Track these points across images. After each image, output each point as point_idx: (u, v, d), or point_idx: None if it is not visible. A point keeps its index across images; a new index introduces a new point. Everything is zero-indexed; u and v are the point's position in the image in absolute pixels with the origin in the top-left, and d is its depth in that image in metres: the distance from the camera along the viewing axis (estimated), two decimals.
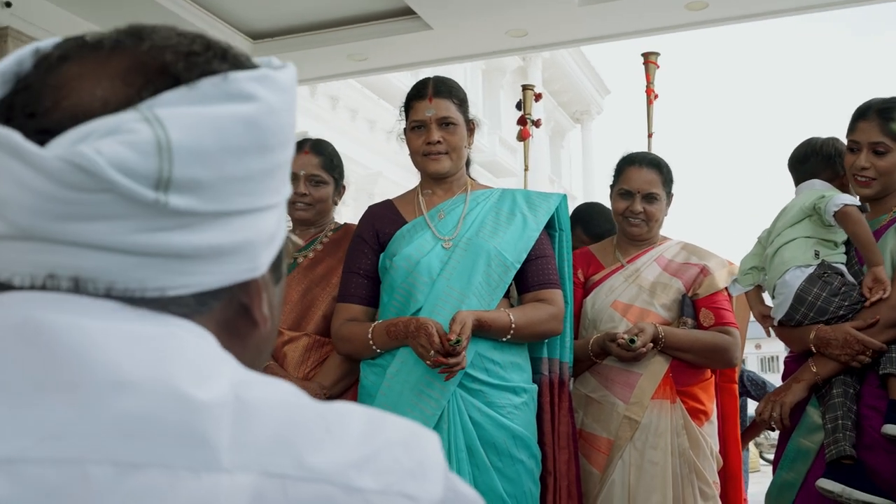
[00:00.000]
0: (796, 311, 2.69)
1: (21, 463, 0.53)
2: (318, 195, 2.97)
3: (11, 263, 0.60)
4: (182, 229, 0.60)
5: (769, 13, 6.48)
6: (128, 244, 0.59)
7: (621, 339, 2.85)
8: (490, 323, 2.49)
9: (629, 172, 3.12)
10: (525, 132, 5.06)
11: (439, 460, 0.64)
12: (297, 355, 2.83)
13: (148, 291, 0.61)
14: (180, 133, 0.59)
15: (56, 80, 0.62)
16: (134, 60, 0.63)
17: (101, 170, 0.56)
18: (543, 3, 6.23)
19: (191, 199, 0.60)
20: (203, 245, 0.62)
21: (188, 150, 0.59)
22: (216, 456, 0.55)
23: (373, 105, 15.12)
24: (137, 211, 0.59)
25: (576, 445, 2.77)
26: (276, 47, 7.19)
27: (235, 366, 0.63)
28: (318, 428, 0.60)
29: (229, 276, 0.64)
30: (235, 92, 0.62)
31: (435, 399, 2.47)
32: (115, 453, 0.54)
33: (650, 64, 4.75)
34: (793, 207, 2.77)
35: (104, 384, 0.55)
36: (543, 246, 2.71)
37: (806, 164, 2.88)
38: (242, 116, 0.62)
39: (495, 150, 19.78)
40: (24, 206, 0.58)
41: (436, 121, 2.65)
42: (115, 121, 0.59)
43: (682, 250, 3.18)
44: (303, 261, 2.97)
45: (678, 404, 2.97)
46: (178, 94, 0.61)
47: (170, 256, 0.61)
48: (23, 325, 0.57)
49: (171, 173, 0.59)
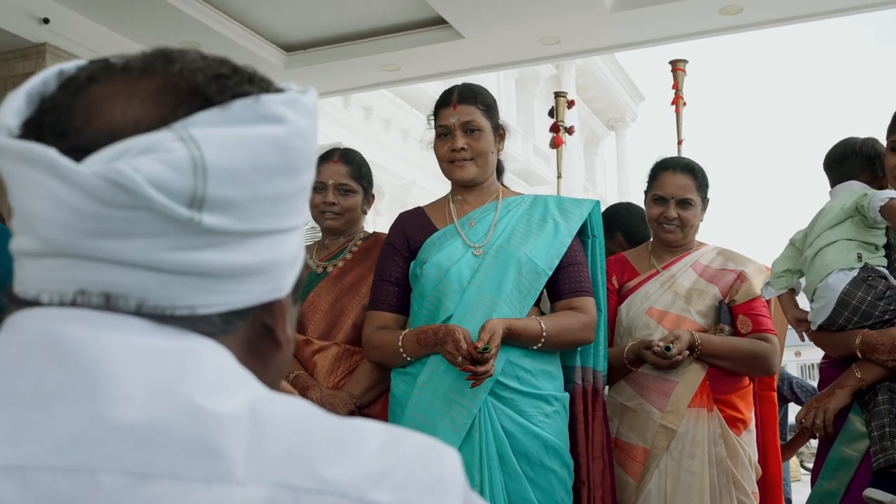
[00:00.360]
0: (839, 315, 2.62)
1: (33, 470, 0.53)
2: (346, 204, 2.97)
3: (40, 280, 0.61)
4: (213, 248, 0.61)
5: (803, 16, 6.41)
6: (160, 262, 0.60)
7: (657, 346, 2.81)
8: (521, 331, 2.47)
9: (663, 178, 3.08)
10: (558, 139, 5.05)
11: (458, 477, 0.63)
12: (327, 364, 2.83)
13: (177, 309, 0.61)
14: (214, 152, 0.60)
15: (85, 101, 0.63)
16: (164, 82, 0.64)
17: (138, 186, 0.57)
18: (576, 10, 6.22)
19: (223, 218, 0.61)
20: (232, 264, 0.63)
21: (222, 170, 0.60)
22: (230, 468, 0.55)
23: (406, 115, 15.16)
24: (171, 228, 0.59)
25: (610, 455, 2.73)
26: (308, 59, 7.24)
27: (255, 384, 0.63)
28: (334, 442, 0.60)
29: (256, 296, 0.65)
30: (267, 114, 0.63)
31: (465, 408, 2.45)
32: (126, 462, 0.54)
33: (678, 71, 4.71)
34: (832, 208, 2.69)
35: (118, 394, 0.56)
36: (576, 253, 2.68)
37: (844, 165, 2.80)
38: (273, 138, 0.63)
39: (529, 159, 19.74)
40: (58, 221, 0.58)
41: (460, 127, 2.64)
42: (151, 139, 0.59)
43: (718, 256, 3.13)
44: (332, 270, 2.97)
45: (715, 413, 2.92)
46: (211, 115, 0.62)
47: (200, 275, 0.61)
48: (44, 337, 0.58)
49: (206, 192, 0.59)
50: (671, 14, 6.34)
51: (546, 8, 6.18)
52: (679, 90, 4.78)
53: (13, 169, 0.60)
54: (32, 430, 0.55)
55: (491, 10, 6.19)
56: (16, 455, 0.54)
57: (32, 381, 0.56)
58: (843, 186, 2.76)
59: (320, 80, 7.62)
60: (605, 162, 26.72)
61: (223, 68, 0.67)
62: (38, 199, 0.59)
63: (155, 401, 0.56)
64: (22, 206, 0.61)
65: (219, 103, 0.63)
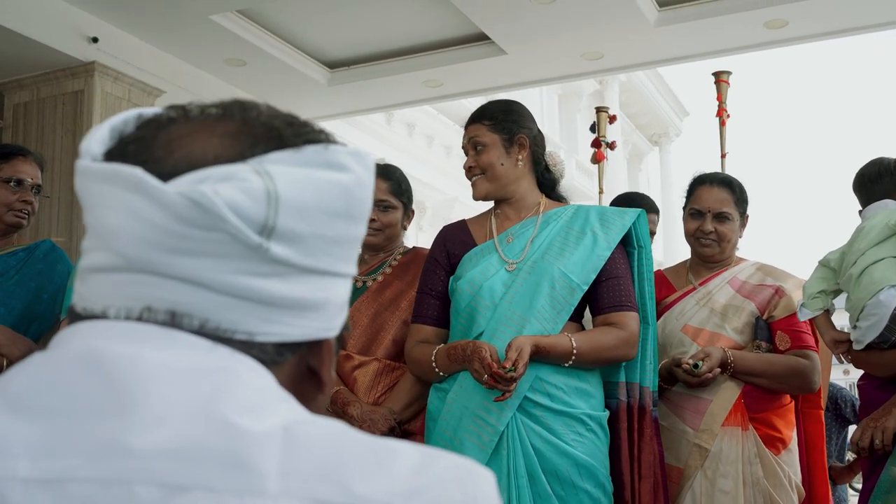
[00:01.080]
0: (892, 331, 2.58)
1: (70, 482, 0.55)
2: (386, 220, 2.98)
3: (108, 296, 0.64)
4: (276, 277, 0.64)
5: (849, 30, 6.33)
6: (226, 284, 0.63)
7: (685, 364, 2.78)
8: (549, 348, 2.41)
9: (700, 192, 3.07)
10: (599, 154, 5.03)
11: (493, 498, 0.64)
12: (368, 380, 2.82)
13: (238, 333, 0.64)
14: (286, 187, 0.64)
15: (165, 136, 0.67)
16: (242, 125, 0.69)
17: (217, 207, 0.61)
18: (619, 25, 6.20)
19: (288, 250, 0.64)
20: (292, 296, 0.66)
21: (292, 204, 0.64)
22: (262, 482, 0.56)
23: (448, 131, 15.18)
24: (240, 252, 0.63)
25: (663, 474, 2.62)
26: (352, 75, 7.29)
27: (294, 405, 0.64)
28: (367, 460, 0.60)
29: (309, 332, 0.68)
30: (334, 161, 0.67)
31: (492, 425, 2.41)
32: (160, 475, 0.55)
33: (722, 83, 4.68)
34: (875, 227, 2.66)
35: (157, 411, 0.57)
36: (617, 265, 2.60)
37: (878, 184, 2.78)
38: (339, 183, 0.67)
39: (572, 174, 19.67)
40: (135, 235, 0.62)
41: (469, 146, 2.65)
42: (230, 170, 0.63)
43: (757, 271, 3.09)
44: (372, 284, 2.97)
45: (751, 431, 2.86)
46: (284, 155, 0.66)
47: (261, 302, 0.64)
48: (85, 354, 0.60)
49: (276, 222, 0.63)
50: (715, 28, 6.30)
51: (589, 23, 6.17)
52: (723, 102, 4.74)
53: (95, 188, 0.64)
54: (69, 443, 0.56)
55: (533, 25, 6.19)
56: (52, 468, 0.55)
57: (70, 397, 0.58)
58: (878, 205, 2.74)
59: (363, 96, 7.67)
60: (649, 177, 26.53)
61: (296, 119, 0.71)
62: (117, 214, 0.62)
63: (190, 418, 0.57)
64: (99, 222, 0.64)
65: (293, 146, 0.67)
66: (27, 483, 0.55)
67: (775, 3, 5.91)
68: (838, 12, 6.04)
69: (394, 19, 6.48)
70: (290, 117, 0.71)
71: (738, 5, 6.02)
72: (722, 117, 4.72)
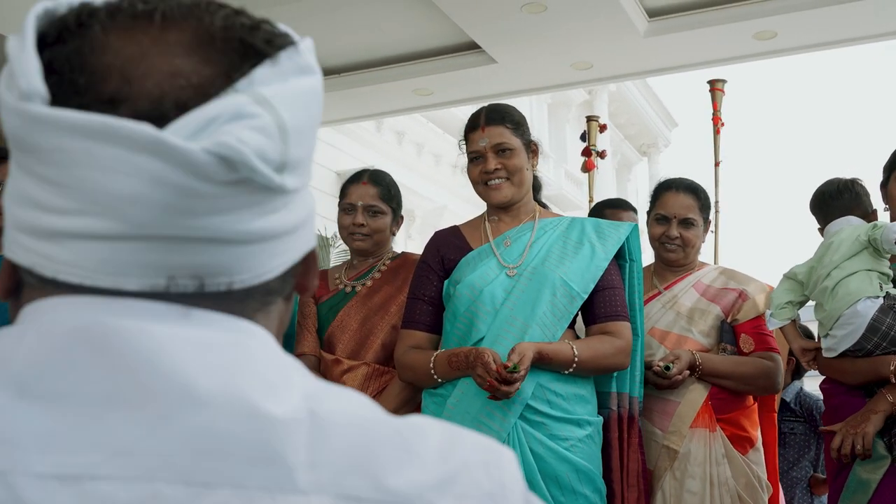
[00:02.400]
0: (868, 340, 2.69)
1: (90, 480, 0.51)
2: (375, 225, 2.98)
3: (119, 267, 0.56)
4: (284, 209, 0.60)
5: (838, 42, 6.37)
6: (249, 233, 0.58)
7: (657, 366, 2.81)
8: (551, 355, 2.43)
9: (666, 197, 3.11)
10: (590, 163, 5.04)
11: (518, 481, 0.63)
12: (357, 384, 2.83)
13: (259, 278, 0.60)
14: (287, 114, 0.58)
15: (112, 58, 0.58)
16: (197, 33, 0.60)
17: (250, 160, 0.55)
18: (608, 35, 6.22)
19: (295, 179, 0.60)
20: (295, 222, 0.62)
21: (296, 130, 0.59)
22: (292, 476, 0.54)
23: (438, 139, 15.19)
24: (259, 198, 0.57)
25: (646, 484, 2.69)
26: (342, 83, 7.28)
27: (304, 373, 0.61)
28: (395, 446, 0.58)
29: (303, 249, 0.64)
30: (304, 65, 0.61)
31: (495, 431, 2.42)
32: (187, 472, 0.52)
33: (716, 91, 4.70)
34: (843, 241, 2.76)
35: (177, 398, 0.53)
36: (612, 277, 2.65)
37: (840, 200, 2.90)
38: (315, 89, 0.62)
39: (561, 184, 19.72)
40: (155, 203, 0.54)
41: (491, 149, 2.61)
42: (233, 105, 0.56)
43: (720, 275, 3.15)
44: (361, 289, 2.97)
45: (718, 433, 2.91)
46: (266, 71, 0.59)
47: (275, 238, 0.60)
48: (85, 331, 0.55)
49: (288, 155, 0.58)
50: (705, 39, 6.32)
51: (578, 33, 6.18)
52: (718, 111, 4.76)
53: (73, 144, 0.54)
54: (85, 435, 0.52)
55: (523, 34, 6.21)
56: (71, 463, 0.51)
57: (75, 380, 0.53)
58: (842, 221, 2.86)
59: (353, 104, 7.67)
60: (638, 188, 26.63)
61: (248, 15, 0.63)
62: (128, 179, 0.54)
63: (214, 405, 0.54)
64: (89, 185, 0.55)
65: (268, 56, 0.60)
66: (43, 479, 0.51)
67: (764, 14, 5.94)
68: (827, 24, 6.07)
69: (384, 27, 6.48)
70: (241, 17, 0.62)
71: (727, 16, 6.05)
72: (717, 125, 4.73)
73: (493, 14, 5.90)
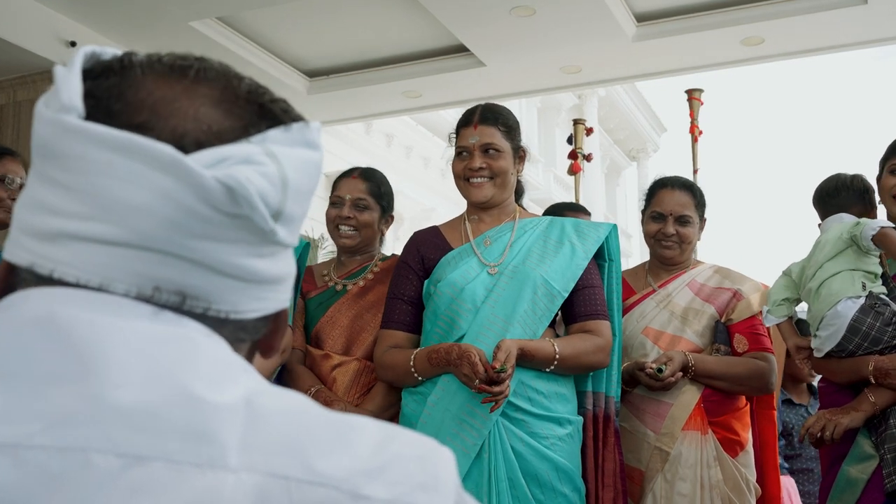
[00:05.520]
0: (849, 341, 2.68)
1: (26, 448, 0.54)
2: (362, 220, 2.99)
3: (109, 269, 0.61)
4: (271, 257, 0.66)
5: (825, 48, 6.42)
6: (235, 267, 0.63)
7: (649, 368, 2.81)
8: (533, 353, 2.44)
9: (661, 195, 3.11)
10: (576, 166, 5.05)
11: (452, 477, 0.64)
12: (347, 380, 2.83)
13: (231, 314, 0.65)
14: (290, 171, 0.65)
15: (144, 95, 0.65)
16: (224, 92, 0.68)
17: (252, 197, 0.61)
18: (597, 40, 6.25)
19: (286, 232, 0.66)
20: (278, 273, 0.68)
21: (295, 188, 0.65)
22: (224, 454, 0.56)
23: (427, 142, 15.20)
24: (252, 237, 0.64)
25: (624, 483, 2.68)
26: (331, 84, 7.29)
27: (256, 376, 0.64)
28: (329, 436, 0.60)
29: (279, 303, 0.70)
30: (312, 140, 0.69)
31: (476, 428, 2.42)
32: (119, 445, 0.54)
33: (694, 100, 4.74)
34: (829, 241, 2.76)
35: (113, 378, 0.56)
36: (592, 276, 2.66)
37: (837, 198, 2.88)
38: (316, 163, 0.69)
39: (550, 188, 19.75)
40: (161, 217, 0.60)
41: (479, 147, 2.63)
42: (245, 152, 0.63)
43: (714, 274, 3.14)
44: (352, 288, 2.98)
45: (710, 436, 2.91)
46: (279, 134, 0.67)
47: (256, 282, 0.66)
48: (44, 318, 0.59)
49: (284, 207, 0.65)
50: (693, 44, 6.36)
51: (568, 37, 6.21)
52: (695, 119, 4.80)
53: (97, 155, 0.61)
54: (26, 408, 0.55)
55: (512, 37, 6.23)
56: (9, 433, 0.54)
57: (26, 361, 0.57)
58: (834, 219, 2.83)
59: (342, 105, 7.67)
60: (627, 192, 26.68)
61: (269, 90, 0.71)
62: (140, 191, 0.60)
63: (151, 386, 0.56)
64: (104, 192, 0.61)
65: (282, 123, 0.68)
66: None
67: (752, 20, 5.98)
68: (814, 31, 6.12)
69: (374, 29, 6.49)
70: (265, 88, 0.71)
71: (715, 22, 6.09)
72: (694, 134, 4.76)
73: (482, 17, 5.92)
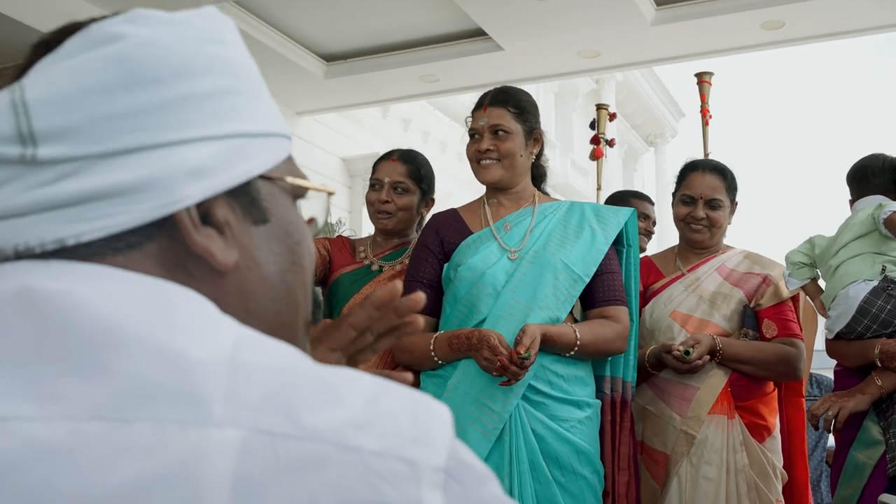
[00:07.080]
0: (859, 322, 2.66)
1: (13, 420, 0.54)
2: (400, 203, 2.98)
3: None
4: (66, 178, 0.61)
5: (846, 32, 6.35)
6: (18, 207, 0.61)
7: (676, 350, 2.80)
8: (556, 338, 2.45)
9: (692, 178, 3.08)
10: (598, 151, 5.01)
11: (447, 430, 0.61)
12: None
13: (47, 245, 0.62)
14: (36, 89, 0.61)
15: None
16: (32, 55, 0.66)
17: None
18: (616, 24, 6.21)
19: (61, 147, 0.61)
20: (95, 189, 0.62)
21: (43, 101, 0.60)
22: (208, 410, 0.55)
23: (444, 126, 15.18)
24: (12, 173, 0.61)
25: (636, 467, 2.70)
26: (348, 69, 7.28)
27: (236, 327, 0.62)
28: (319, 390, 0.58)
29: (142, 214, 0.63)
30: (98, 37, 0.63)
31: (497, 412, 2.43)
32: (105, 411, 0.54)
33: (704, 84, 4.69)
34: (857, 222, 2.72)
35: (99, 348, 0.56)
36: (611, 261, 2.66)
37: (878, 178, 2.82)
38: (106, 56, 0.62)
39: (567, 173, 19.69)
40: None
41: (488, 129, 2.62)
42: None
43: (744, 259, 3.11)
44: (388, 270, 2.98)
45: (736, 420, 2.90)
46: (45, 61, 0.63)
47: (62, 207, 0.61)
48: (20, 294, 0.59)
49: (31, 126, 0.60)
50: (713, 28, 6.31)
51: (586, 21, 6.17)
52: (706, 103, 4.75)
53: None
54: (16, 386, 0.55)
55: (530, 21, 6.20)
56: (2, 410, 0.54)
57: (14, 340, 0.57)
58: (865, 200, 2.79)
59: (359, 89, 7.66)
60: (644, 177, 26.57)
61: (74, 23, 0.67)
62: None
63: (136, 351, 0.56)
64: None
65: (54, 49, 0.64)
66: None
67: (772, 3, 5.92)
68: (835, 14, 6.06)
69: (391, 13, 6.48)
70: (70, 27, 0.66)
71: (735, 5, 6.03)
72: (705, 118, 4.72)
73: (500, 1, 5.89)
